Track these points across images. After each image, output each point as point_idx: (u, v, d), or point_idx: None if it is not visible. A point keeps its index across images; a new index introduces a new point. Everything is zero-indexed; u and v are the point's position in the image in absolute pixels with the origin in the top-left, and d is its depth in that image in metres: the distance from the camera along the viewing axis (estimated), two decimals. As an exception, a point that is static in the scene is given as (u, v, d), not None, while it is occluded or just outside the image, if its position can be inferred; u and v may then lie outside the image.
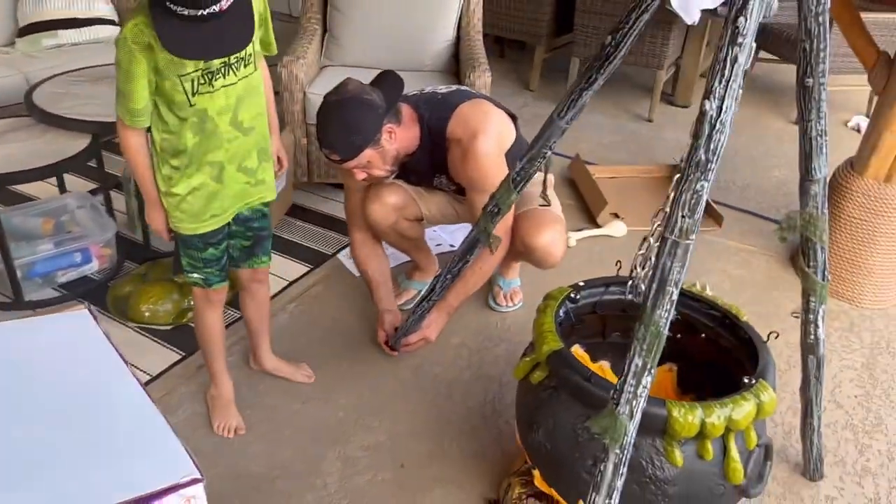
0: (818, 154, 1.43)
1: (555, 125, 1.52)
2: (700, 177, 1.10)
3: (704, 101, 1.09)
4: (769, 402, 1.33)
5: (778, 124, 4.19)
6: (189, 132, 1.52)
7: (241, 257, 1.81)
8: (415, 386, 2.08)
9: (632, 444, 1.18)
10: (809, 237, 1.51)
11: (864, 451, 1.94)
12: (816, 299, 1.57)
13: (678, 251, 1.12)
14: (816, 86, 1.35)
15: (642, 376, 1.15)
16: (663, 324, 1.14)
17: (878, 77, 2.41)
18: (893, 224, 2.45)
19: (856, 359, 2.29)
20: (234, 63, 1.49)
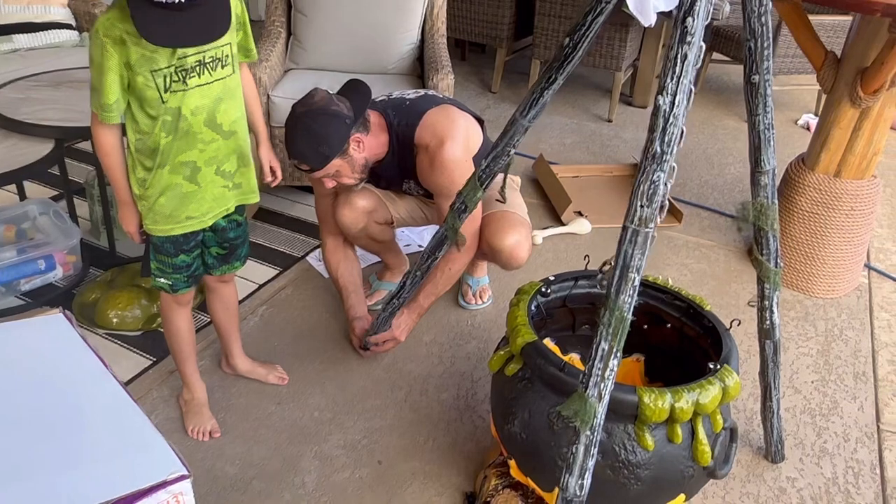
0: (766, 146, 1.49)
1: (518, 123, 1.57)
2: (656, 168, 1.15)
3: (658, 97, 1.15)
4: (734, 386, 1.39)
5: (731, 122, 4.33)
6: (162, 131, 1.50)
7: (215, 264, 1.80)
8: (388, 383, 2.11)
9: (601, 425, 1.22)
10: (762, 226, 1.58)
11: (821, 433, 2.03)
12: (770, 286, 1.64)
13: (638, 239, 1.18)
14: (762, 82, 1.42)
15: (609, 359, 1.20)
16: (627, 309, 1.19)
17: (826, 77, 2.51)
18: (843, 217, 2.56)
19: (811, 346, 2.39)
20: (210, 62, 1.48)
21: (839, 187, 2.54)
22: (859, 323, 2.53)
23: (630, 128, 4.14)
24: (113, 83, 1.42)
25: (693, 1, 1.13)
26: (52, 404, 1.09)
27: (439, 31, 3.24)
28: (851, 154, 2.51)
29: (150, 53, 1.40)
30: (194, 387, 1.90)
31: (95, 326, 2.23)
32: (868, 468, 1.92)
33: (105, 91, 1.43)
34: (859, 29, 2.39)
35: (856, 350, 2.38)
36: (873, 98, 2.38)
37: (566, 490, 1.24)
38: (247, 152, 1.67)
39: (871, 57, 2.33)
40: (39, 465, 0.99)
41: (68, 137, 2.39)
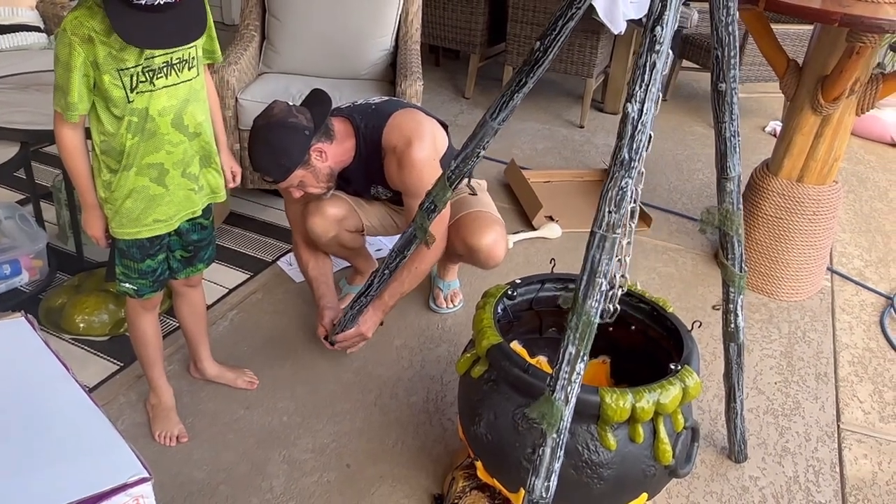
0: (732, 153, 1.53)
1: (488, 125, 1.59)
2: (624, 174, 1.17)
3: (626, 105, 1.17)
4: (694, 386, 1.42)
5: (700, 129, 4.40)
6: (128, 132, 1.50)
7: (179, 268, 1.79)
8: (358, 387, 2.11)
9: (567, 428, 1.24)
10: (727, 231, 1.61)
11: (783, 433, 2.07)
12: (735, 289, 1.68)
13: (606, 244, 1.19)
14: (728, 90, 1.45)
15: (576, 363, 1.21)
16: (594, 313, 1.21)
17: (788, 84, 2.57)
18: (806, 221, 2.61)
19: (775, 348, 2.44)
20: (177, 64, 1.49)
21: (801, 192, 2.60)
22: (822, 325, 2.58)
23: (601, 133, 4.19)
24: (79, 81, 1.42)
25: (662, 10, 1.15)
26: (12, 407, 1.08)
27: (413, 38, 3.26)
28: (813, 160, 2.57)
29: (117, 52, 1.40)
30: (161, 391, 1.89)
31: (62, 331, 2.21)
32: (828, 466, 1.96)
33: (71, 89, 1.42)
34: (819, 38, 2.45)
35: (818, 352, 2.43)
36: (833, 105, 2.44)
37: (532, 492, 1.25)
38: (210, 154, 1.67)
39: (831, 65, 2.39)
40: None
41: (35, 141, 2.37)
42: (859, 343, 2.50)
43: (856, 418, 2.15)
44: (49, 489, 0.95)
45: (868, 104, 2.48)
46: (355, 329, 2.10)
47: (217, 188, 1.74)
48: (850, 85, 2.40)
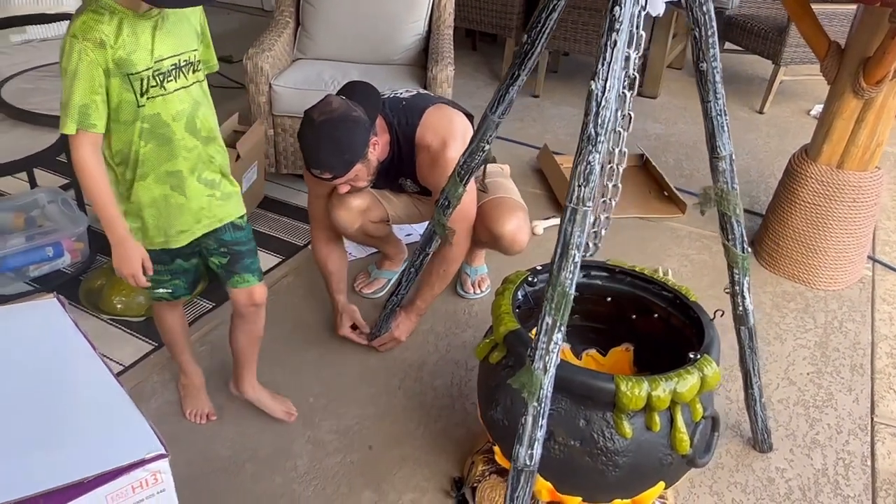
0: (720, 132, 1.51)
1: (489, 120, 1.61)
2: (591, 149, 1.19)
3: (591, 82, 1.19)
4: (713, 376, 1.41)
5: (743, 114, 4.29)
6: (140, 140, 1.45)
7: (223, 275, 1.71)
8: (383, 371, 2.14)
9: (548, 397, 1.26)
10: (724, 211, 1.59)
11: (814, 424, 2.03)
12: (740, 271, 1.66)
13: (577, 217, 1.21)
14: (709, 69, 1.44)
15: (553, 333, 1.23)
16: (568, 284, 1.22)
17: (829, 67, 2.49)
18: (846, 208, 2.54)
19: (809, 338, 2.38)
20: (185, 67, 1.47)
21: (841, 179, 2.52)
22: (860, 315, 2.51)
23: (639, 118, 4.11)
24: (91, 86, 1.35)
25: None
26: (38, 384, 1.13)
27: (446, 23, 3.25)
28: (854, 145, 2.49)
29: (126, 56, 1.37)
30: (190, 373, 1.94)
31: (100, 312, 2.29)
32: (859, 460, 1.92)
33: (84, 95, 1.35)
34: (862, 19, 2.37)
35: (855, 342, 2.37)
36: (876, 89, 2.36)
37: (517, 460, 1.27)
38: (225, 162, 1.63)
39: (874, 47, 2.30)
40: (20, 442, 1.03)
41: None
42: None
43: (891, 411, 2.10)
44: (68, 463, 0.99)
45: (913, 87, 2.39)
46: (389, 334, 2.13)
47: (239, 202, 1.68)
48: (895, 68, 2.31)
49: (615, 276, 1.74)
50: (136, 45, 1.38)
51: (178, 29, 1.46)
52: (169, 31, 1.44)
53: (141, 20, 1.39)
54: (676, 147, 3.80)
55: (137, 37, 1.38)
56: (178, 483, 1.43)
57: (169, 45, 1.44)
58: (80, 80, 1.34)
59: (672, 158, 3.65)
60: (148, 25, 1.40)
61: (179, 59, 1.46)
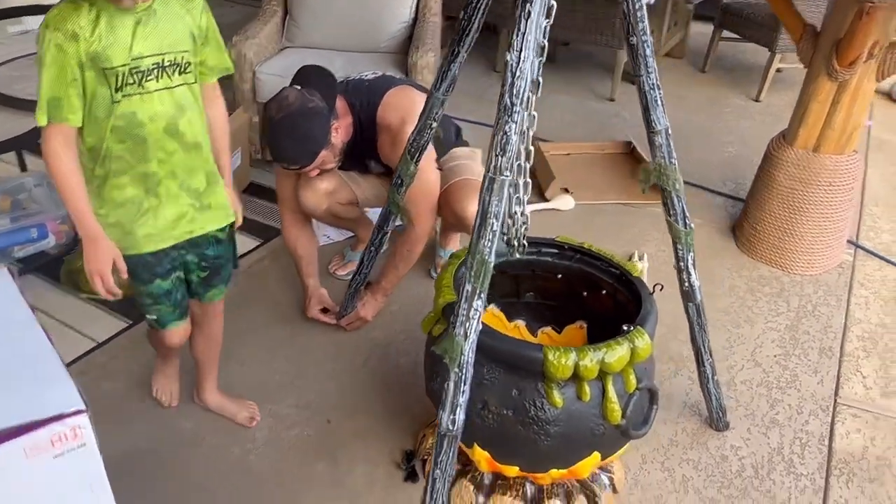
0: (654, 107, 1.52)
1: (434, 98, 1.63)
2: (508, 119, 1.21)
3: (507, 53, 1.21)
4: (644, 348, 1.42)
5: (739, 101, 4.27)
6: (113, 136, 1.39)
7: (200, 291, 1.68)
8: (351, 349, 2.18)
9: (469, 363, 1.28)
10: (664, 186, 1.60)
11: (775, 405, 2.03)
12: (683, 247, 1.67)
13: (495, 186, 1.24)
14: (640, 44, 1.45)
15: (473, 300, 1.26)
16: (487, 252, 1.24)
17: (804, 50, 2.48)
18: (822, 192, 2.53)
19: (781, 322, 2.38)
20: (169, 67, 1.40)
21: (818, 162, 2.51)
22: (835, 300, 2.50)
23: (631, 106, 4.10)
24: (70, 82, 1.31)
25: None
26: (-28, 344, 1.18)
27: (432, 10, 3.27)
28: (830, 128, 2.47)
29: (101, 50, 1.30)
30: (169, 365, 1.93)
31: (80, 291, 2.35)
32: (817, 440, 1.92)
33: (56, 86, 1.31)
34: (835, 1, 2.35)
35: (826, 326, 2.36)
36: (850, 71, 2.35)
37: (440, 425, 1.30)
38: (215, 169, 1.56)
39: (846, 29, 2.29)
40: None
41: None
42: (873, 318, 2.42)
43: (855, 393, 2.09)
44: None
45: (889, 69, 2.37)
46: (355, 313, 2.18)
47: (223, 206, 1.60)
48: (868, 49, 2.30)
49: (564, 253, 1.76)
50: (113, 40, 1.31)
51: (167, 27, 1.38)
52: (154, 28, 1.37)
53: (122, 14, 1.32)
54: (667, 135, 3.78)
55: (115, 31, 1.32)
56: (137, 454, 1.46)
57: (151, 44, 1.36)
58: (52, 72, 1.30)
59: (662, 146, 3.64)
60: (129, 21, 1.33)
61: (163, 58, 1.38)
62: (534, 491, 1.61)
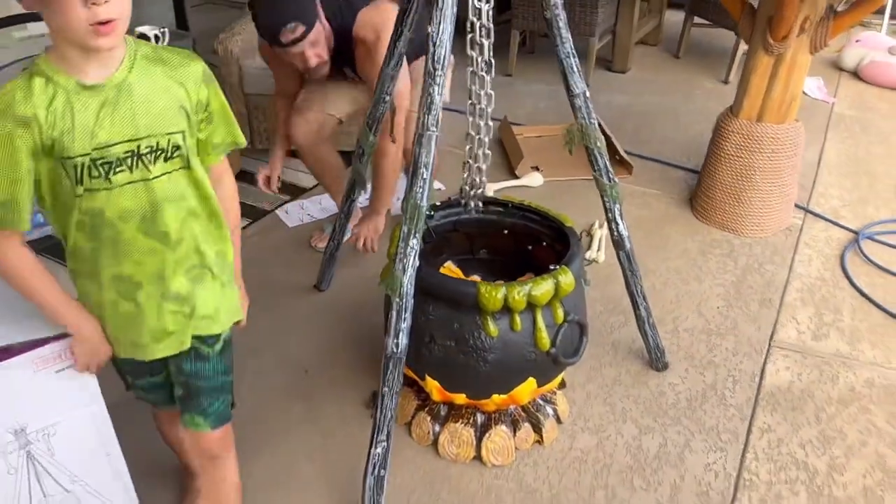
0: (571, 73, 1.72)
1: (385, 73, 1.84)
2: (431, 82, 1.41)
3: (427, 26, 1.41)
4: (567, 283, 1.62)
5: (710, 84, 4.46)
6: (79, 233, 1.17)
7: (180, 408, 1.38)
8: (328, 309, 2.39)
9: (409, 294, 1.49)
10: (587, 145, 1.80)
11: (713, 349, 2.23)
12: (609, 199, 1.86)
13: (423, 140, 1.44)
14: (553, 17, 1.65)
15: (409, 239, 1.47)
16: (420, 197, 1.45)
17: (744, 27, 2.68)
18: (765, 159, 2.72)
19: (728, 278, 2.57)
20: (147, 154, 1.15)
21: (761, 131, 2.70)
22: (781, 258, 2.69)
23: (605, 92, 4.31)
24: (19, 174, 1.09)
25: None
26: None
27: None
28: (770, 99, 2.67)
29: (59, 136, 1.08)
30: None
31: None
32: (748, 377, 2.12)
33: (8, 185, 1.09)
34: (768, -21, 2.55)
35: (769, 281, 2.56)
36: (783, 44, 2.54)
37: (386, 348, 1.51)
38: (207, 263, 1.28)
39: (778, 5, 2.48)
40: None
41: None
42: (814, 273, 2.61)
43: (789, 336, 2.28)
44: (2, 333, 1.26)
45: (821, 43, 2.57)
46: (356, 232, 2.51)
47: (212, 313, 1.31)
48: (800, 24, 2.49)
49: (509, 211, 1.97)
50: (71, 126, 1.08)
51: (145, 106, 1.14)
52: (129, 108, 1.12)
53: (85, 94, 1.09)
54: (638, 116, 3.99)
55: (74, 115, 1.08)
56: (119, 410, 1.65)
57: (123, 128, 1.12)
58: (7, 168, 1.08)
59: (632, 126, 3.84)
60: (93, 101, 1.10)
61: (139, 144, 1.14)
62: (483, 419, 1.82)
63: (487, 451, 1.78)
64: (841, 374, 2.13)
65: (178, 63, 1.18)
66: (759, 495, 1.74)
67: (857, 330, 2.31)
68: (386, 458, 1.59)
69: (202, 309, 1.29)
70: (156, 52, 1.17)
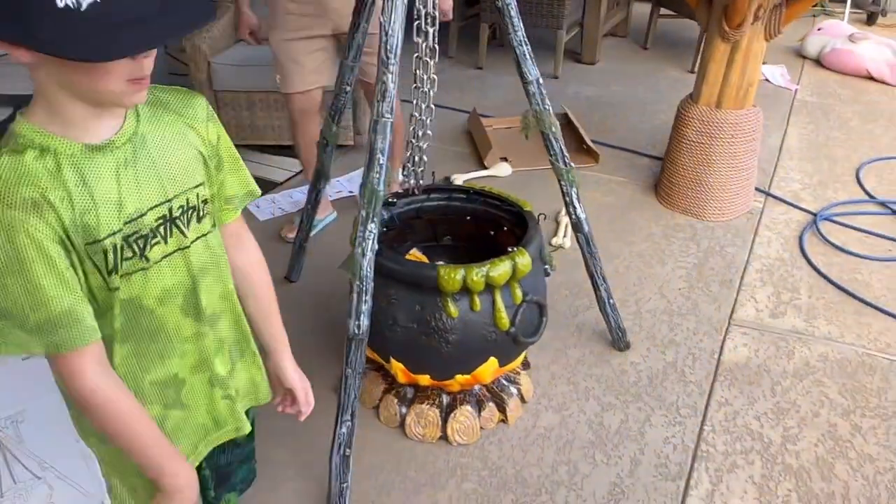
0: (524, 60, 1.77)
1: (344, 65, 1.89)
2: (385, 70, 1.45)
3: (381, 16, 1.45)
4: (525, 264, 1.67)
5: (676, 73, 4.54)
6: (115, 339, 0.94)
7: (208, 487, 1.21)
8: (300, 300, 2.43)
9: (368, 277, 1.53)
10: (542, 130, 1.85)
11: (674, 328, 2.29)
12: (566, 182, 1.92)
13: (378, 127, 1.48)
14: (504, 6, 1.70)
15: (367, 223, 1.51)
16: (376, 182, 1.49)
17: (701, 15, 2.74)
18: (725, 145, 2.79)
19: (690, 261, 2.64)
20: (180, 217, 0.95)
21: (720, 117, 2.77)
22: (742, 241, 2.77)
23: (574, 83, 4.38)
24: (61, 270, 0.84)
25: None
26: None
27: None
28: (728, 86, 2.74)
29: (79, 217, 0.84)
30: None
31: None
32: (707, 354, 2.18)
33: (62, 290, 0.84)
34: (722, -32, 2.61)
35: (730, 263, 2.63)
36: (739, 32, 2.61)
37: (348, 330, 1.55)
38: (243, 339, 1.15)
39: (733, -6, 2.55)
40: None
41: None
42: (773, 254, 2.68)
43: (747, 315, 2.35)
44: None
45: (775, 30, 2.64)
46: None
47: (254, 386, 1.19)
48: (754, 11, 2.56)
49: (471, 197, 2.01)
50: (91, 201, 0.85)
51: (167, 160, 0.94)
52: (150, 166, 0.92)
53: (97, 157, 0.87)
54: (605, 107, 4.05)
55: (90, 186, 0.85)
56: None
57: (150, 191, 0.91)
58: (37, 273, 0.82)
59: (598, 116, 3.91)
60: (107, 165, 0.87)
61: (171, 206, 0.94)
62: (448, 399, 1.87)
63: (453, 431, 1.83)
64: (797, 349, 2.20)
65: (180, 102, 0.98)
66: (716, 465, 1.81)
67: (814, 307, 2.39)
68: (351, 437, 1.63)
69: (244, 386, 1.15)
70: (153, 94, 0.95)
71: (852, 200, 3.04)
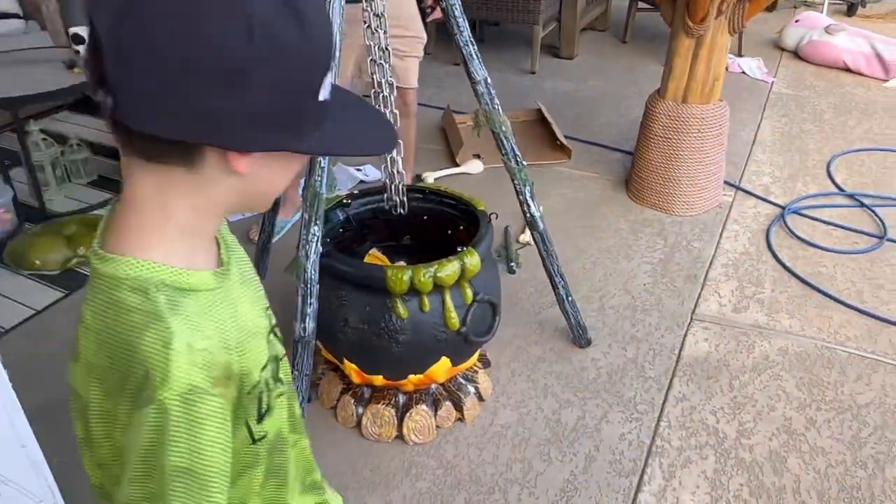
0: (470, 60, 1.77)
1: None
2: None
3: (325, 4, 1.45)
4: (474, 264, 1.68)
5: (654, 67, 4.51)
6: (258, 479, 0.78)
7: None
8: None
9: (313, 280, 1.54)
10: (492, 129, 1.85)
11: (636, 324, 2.30)
12: (519, 181, 1.92)
13: None
14: (448, 7, 1.70)
15: (310, 226, 1.51)
16: (318, 185, 1.50)
17: (666, 11, 2.74)
18: (692, 139, 2.80)
19: (656, 256, 2.65)
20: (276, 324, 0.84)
21: (686, 112, 2.78)
22: (709, 235, 2.77)
23: (551, 78, 4.37)
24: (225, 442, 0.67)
25: None
26: None
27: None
28: (694, 80, 2.74)
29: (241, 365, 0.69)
30: None
31: (21, 268, 2.60)
32: (668, 350, 2.19)
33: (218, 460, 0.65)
34: (684, -36, 2.62)
35: (696, 258, 2.64)
36: (702, 27, 2.61)
37: (295, 333, 1.56)
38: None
39: (695, -11, 2.55)
40: None
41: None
42: (739, 248, 2.69)
43: (710, 309, 2.36)
44: None
45: (738, 24, 2.64)
46: None
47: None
48: (717, 5, 2.56)
49: (427, 197, 2.02)
50: (237, 334, 0.70)
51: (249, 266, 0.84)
52: (252, 278, 0.82)
53: (226, 284, 0.72)
54: (581, 102, 4.05)
55: (238, 316, 0.72)
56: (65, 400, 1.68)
57: (263, 307, 0.82)
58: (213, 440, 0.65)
59: (574, 112, 3.90)
60: (232, 289, 0.73)
61: (271, 315, 0.84)
62: (404, 399, 1.87)
63: (408, 430, 1.84)
64: (757, 343, 2.21)
65: None
66: (669, 460, 1.82)
67: (777, 301, 2.40)
68: (301, 439, 1.64)
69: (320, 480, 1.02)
70: None
71: (821, 193, 3.05)
